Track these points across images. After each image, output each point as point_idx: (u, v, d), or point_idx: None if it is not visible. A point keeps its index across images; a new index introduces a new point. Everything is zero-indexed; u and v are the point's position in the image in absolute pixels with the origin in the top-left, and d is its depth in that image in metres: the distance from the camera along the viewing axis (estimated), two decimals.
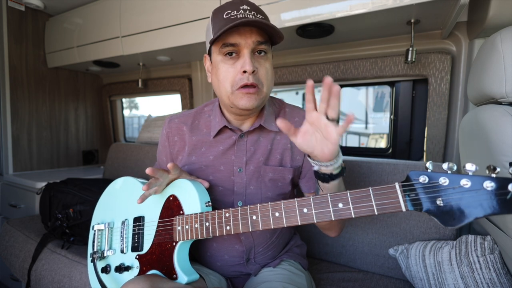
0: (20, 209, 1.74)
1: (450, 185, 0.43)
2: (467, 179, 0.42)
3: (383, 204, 0.49)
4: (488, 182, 0.40)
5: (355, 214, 0.51)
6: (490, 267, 0.78)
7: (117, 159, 1.92)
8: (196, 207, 0.69)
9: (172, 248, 0.70)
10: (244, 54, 0.69)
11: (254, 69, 0.69)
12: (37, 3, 1.83)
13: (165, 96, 2.30)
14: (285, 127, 0.58)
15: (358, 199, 0.51)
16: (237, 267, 0.83)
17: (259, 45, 0.70)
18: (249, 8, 0.70)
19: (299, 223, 0.56)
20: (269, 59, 0.74)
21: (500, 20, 0.90)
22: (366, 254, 1.11)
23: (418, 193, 0.46)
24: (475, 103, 0.87)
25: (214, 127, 0.81)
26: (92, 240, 0.85)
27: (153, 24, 1.52)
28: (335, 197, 0.53)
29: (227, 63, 0.71)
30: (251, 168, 0.80)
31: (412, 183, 0.47)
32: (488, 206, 0.40)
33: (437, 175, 0.44)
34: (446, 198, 0.43)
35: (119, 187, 0.89)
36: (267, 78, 0.73)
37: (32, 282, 1.21)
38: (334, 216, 0.53)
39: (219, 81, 0.72)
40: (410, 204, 0.46)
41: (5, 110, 1.87)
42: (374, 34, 1.30)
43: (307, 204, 0.56)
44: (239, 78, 0.69)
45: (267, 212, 0.59)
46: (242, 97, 0.70)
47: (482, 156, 0.74)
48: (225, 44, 0.69)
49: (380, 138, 5.40)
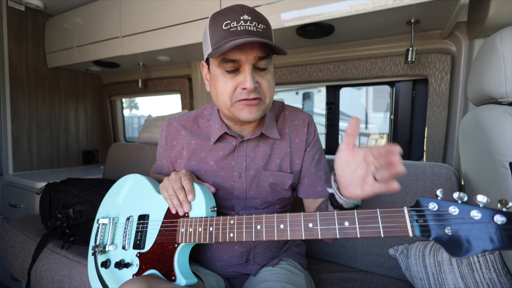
0: (20, 209, 1.74)
1: (459, 215, 0.43)
2: (478, 210, 0.41)
3: (390, 227, 0.48)
4: (498, 216, 0.40)
5: (361, 235, 0.50)
6: (490, 267, 0.78)
7: (117, 159, 1.92)
8: (201, 211, 0.69)
9: (173, 249, 0.70)
10: (245, 70, 0.65)
11: (256, 86, 0.66)
12: (37, 3, 1.83)
13: (165, 96, 2.30)
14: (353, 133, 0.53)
15: (365, 220, 0.50)
16: (236, 267, 0.83)
17: (260, 61, 0.66)
18: (250, 18, 0.65)
19: (303, 237, 0.55)
20: (270, 72, 0.71)
21: (500, 20, 0.90)
22: (366, 254, 1.11)
23: (427, 220, 0.45)
24: (475, 103, 0.87)
25: (214, 133, 0.79)
26: (95, 233, 0.85)
27: (153, 24, 1.52)
28: (342, 215, 0.52)
29: (227, 77, 0.67)
30: (251, 173, 0.80)
31: (422, 209, 0.46)
32: (497, 240, 0.39)
33: (447, 204, 0.44)
34: (454, 227, 0.43)
35: (127, 184, 0.89)
36: (269, 90, 0.70)
37: (32, 282, 1.21)
38: (339, 234, 0.52)
39: (218, 93, 0.69)
40: (418, 230, 0.46)
41: (5, 110, 1.87)
42: (374, 34, 1.30)
43: (313, 219, 0.55)
44: (239, 92, 0.67)
45: (272, 223, 0.59)
46: (243, 109, 0.68)
47: (482, 156, 0.74)
48: (225, 59, 0.65)
49: (380, 138, 5.40)
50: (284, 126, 0.83)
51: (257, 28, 0.65)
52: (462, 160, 0.95)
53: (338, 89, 1.58)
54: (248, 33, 0.64)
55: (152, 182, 0.84)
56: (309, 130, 0.84)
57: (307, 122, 0.84)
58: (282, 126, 0.83)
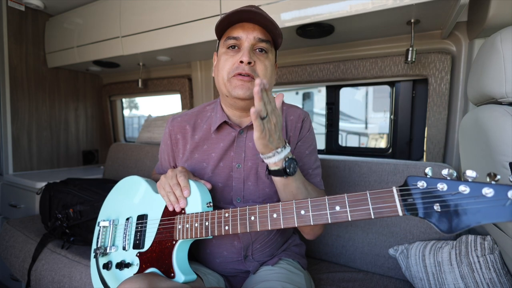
0: (20, 209, 1.74)
1: (448, 191, 0.43)
2: (466, 185, 0.41)
3: (380, 208, 0.48)
4: (486, 188, 0.39)
5: (352, 218, 0.51)
6: (490, 267, 0.78)
7: (117, 159, 1.92)
8: (197, 207, 0.70)
9: (172, 246, 0.70)
10: (244, 47, 0.73)
11: (251, 61, 0.72)
12: (37, 3, 1.83)
13: (165, 96, 2.30)
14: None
15: (355, 202, 0.51)
16: (235, 264, 0.84)
17: (260, 42, 0.74)
18: (256, 8, 0.74)
19: (296, 224, 0.56)
20: (269, 59, 0.77)
21: (500, 20, 0.90)
22: (366, 254, 1.11)
23: (415, 198, 0.46)
24: (475, 103, 0.87)
25: (214, 122, 0.84)
26: (97, 236, 0.86)
27: (153, 24, 1.52)
28: (333, 200, 0.54)
29: (228, 54, 0.75)
30: (249, 164, 0.81)
31: (410, 188, 0.46)
32: (487, 213, 0.39)
33: (436, 181, 0.44)
34: (443, 203, 0.43)
35: (126, 185, 0.91)
36: (265, 74, 0.76)
37: (32, 282, 1.21)
38: (331, 218, 0.53)
39: (218, 70, 0.77)
40: (407, 209, 0.46)
41: (5, 110, 1.87)
42: (374, 34, 1.30)
43: (305, 206, 0.56)
44: (236, 66, 0.73)
45: (265, 213, 0.60)
46: (236, 85, 0.74)
47: (482, 156, 0.74)
48: (228, 37, 0.75)
49: (380, 138, 5.40)
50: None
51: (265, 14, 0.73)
52: (462, 160, 0.95)
53: (338, 89, 1.58)
54: (253, 13, 0.71)
55: (149, 182, 0.86)
56: (303, 126, 0.86)
57: (302, 118, 0.86)
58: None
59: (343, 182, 1.18)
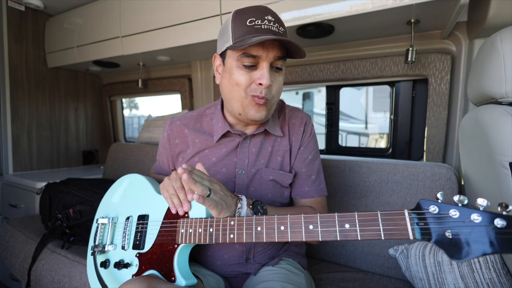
0: (20, 209, 1.74)
1: (460, 218, 0.43)
2: (478, 214, 0.41)
3: (390, 230, 0.48)
4: (499, 219, 0.40)
5: (361, 237, 0.49)
6: (490, 267, 0.78)
7: (117, 159, 1.92)
8: (201, 212, 0.69)
9: (173, 250, 0.69)
10: (263, 67, 0.68)
11: (271, 83, 0.69)
12: (37, 3, 1.83)
13: (165, 96, 2.30)
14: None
15: (366, 222, 0.50)
16: (236, 267, 0.83)
17: (278, 60, 0.70)
18: (273, 19, 0.69)
19: (303, 239, 0.55)
20: (282, 74, 0.74)
21: (500, 20, 0.90)
22: (366, 254, 1.11)
23: (428, 223, 0.45)
24: (475, 103, 0.87)
25: (217, 132, 0.81)
26: (95, 233, 0.85)
27: (153, 24, 1.52)
28: (342, 217, 0.52)
29: (244, 70, 0.70)
30: (252, 170, 0.81)
31: (423, 212, 0.46)
32: (497, 243, 0.39)
33: (448, 207, 0.44)
34: (455, 230, 0.43)
35: (126, 183, 0.89)
36: (278, 92, 0.74)
37: (32, 282, 1.21)
38: (340, 236, 0.51)
39: (232, 85, 0.71)
40: (419, 233, 0.45)
41: (5, 110, 1.87)
42: (374, 34, 1.30)
43: (314, 221, 0.55)
44: (254, 88, 0.70)
45: (273, 225, 0.58)
46: (253, 106, 0.71)
47: (482, 156, 0.74)
48: (246, 54, 0.67)
49: (380, 138, 5.40)
50: (284, 124, 0.85)
51: (279, 29, 0.69)
52: (462, 160, 0.95)
53: (338, 89, 1.58)
54: (271, 33, 0.67)
55: (151, 182, 0.84)
56: (305, 130, 0.85)
57: (305, 122, 0.86)
58: (282, 124, 0.85)
59: (343, 182, 1.18)
